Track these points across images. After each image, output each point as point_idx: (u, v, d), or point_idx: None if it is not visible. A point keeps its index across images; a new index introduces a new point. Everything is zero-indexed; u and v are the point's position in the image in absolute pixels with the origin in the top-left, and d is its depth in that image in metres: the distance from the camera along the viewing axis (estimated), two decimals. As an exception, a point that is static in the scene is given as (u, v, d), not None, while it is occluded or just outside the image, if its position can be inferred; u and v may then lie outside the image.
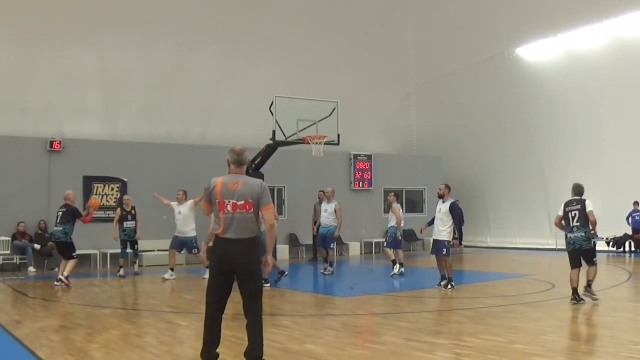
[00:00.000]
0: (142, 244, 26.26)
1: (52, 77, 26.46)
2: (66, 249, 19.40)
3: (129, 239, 22.71)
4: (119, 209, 23.05)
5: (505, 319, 12.40)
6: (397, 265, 21.54)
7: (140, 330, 11.78)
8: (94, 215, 25.63)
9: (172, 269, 21.52)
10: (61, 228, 19.22)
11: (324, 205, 22.99)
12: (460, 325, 11.94)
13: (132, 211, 22.66)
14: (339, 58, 31.67)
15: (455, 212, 17.66)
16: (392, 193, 23.16)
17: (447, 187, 18.23)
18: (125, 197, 23.34)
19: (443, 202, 17.98)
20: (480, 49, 31.34)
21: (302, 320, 12.89)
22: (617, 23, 27.11)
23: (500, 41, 30.68)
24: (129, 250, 23.32)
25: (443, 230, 17.60)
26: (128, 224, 22.52)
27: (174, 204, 22.15)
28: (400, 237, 21.82)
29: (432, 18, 30.41)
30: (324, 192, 24.11)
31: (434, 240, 17.97)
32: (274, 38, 29.47)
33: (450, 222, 17.61)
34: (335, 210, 22.21)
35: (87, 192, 26.01)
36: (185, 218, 21.56)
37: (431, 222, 18.44)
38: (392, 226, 21.67)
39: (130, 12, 26.09)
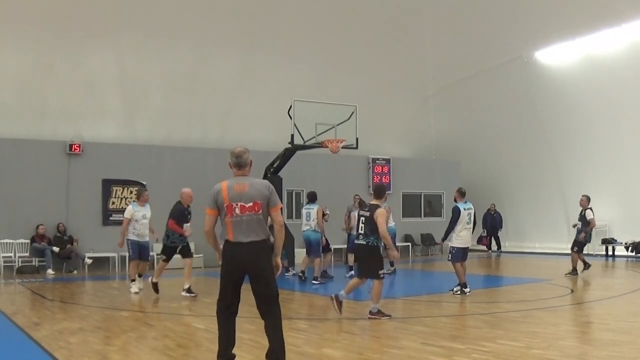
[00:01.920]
0: (160, 247, 26.33)
1: (72, 81, 26.61)
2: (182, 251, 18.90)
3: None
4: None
5: (524, 324, 12.35)
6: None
7: (158, 333, 11.79)
8: (113, 219, 25.95)
9: (135, 280, 18.89)
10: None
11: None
12: (478, 330, 11.91)
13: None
14: (357, 62, 31.70)
15: (453, 215, 17.59)
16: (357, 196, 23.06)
17: (457, 191, 18.26)
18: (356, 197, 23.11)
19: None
20: (499, 52, 31.30)
21: (320, 324, 12.89)
22: (636, 27, 27.02)
23: (519, 45, 30.63)
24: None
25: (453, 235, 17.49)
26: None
27: (134, 207, 18.91)
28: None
29: (450, 22, 30.41)
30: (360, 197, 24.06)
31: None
32: (292, 42, 29.54)
33: (456, 226, 17.49)
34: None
35: (106, 195, 26.13)
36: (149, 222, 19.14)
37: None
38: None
39: (149, 17, 26.22)
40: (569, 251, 21.58)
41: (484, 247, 35.09)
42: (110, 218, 26.15)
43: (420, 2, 29.43)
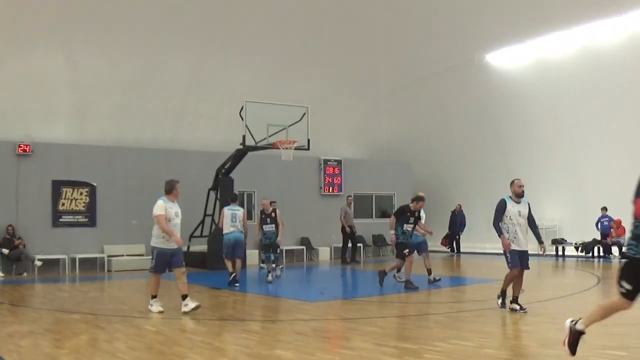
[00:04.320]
0: (110, 249, 26.20)
1: (21, 81, 26.31)
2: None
3: (271, 243, 21.77)
4: (259, 212, 22.16)
5: (475, 324, 12.43)
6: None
7: (109, 335, 11.71)
8: (63, 220, 25.71)
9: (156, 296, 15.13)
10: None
11: None
12: (430, 330, 11.97)
13: (272, 214, 21.64)
14: (309, 63, 31.75)
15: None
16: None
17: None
18: (263, 200, 22.60)
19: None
20: (451, 55, 31.51)
21: (272, 326, 12.89)
22: (586, 31, 27.37)
23: (471, 48, 30.87)
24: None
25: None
26: (267, 227, 21.42)
27: (165, 202, 14.73)
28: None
29: (402, 24, 30.57)
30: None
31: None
32: (244, 43, 29.51)
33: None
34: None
35: (56, 196, 25.86)
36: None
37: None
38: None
39: (100, 15, 26.06)
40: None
41: (445, 248, 35.35)
42: (60, 220, 25.90)
43: (372, 4, 29.55)
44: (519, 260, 13.77)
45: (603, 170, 29.09)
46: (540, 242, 14.17)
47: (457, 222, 35.20)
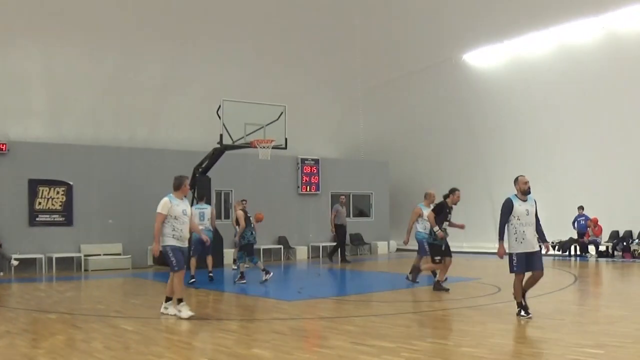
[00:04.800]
0: (87, 248, 26.08)
1: (-4, 79, 26.18)
2: None
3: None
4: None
5: (453, 323, 12.49)
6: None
7: (86, 335, 11.67)
8: (39, 219, 25.57)
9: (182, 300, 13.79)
10: None
11: None
12: (408, 329, 12.00)
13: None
14: (287, 62, 31.76)
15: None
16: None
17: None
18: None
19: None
20: (428, 54, 31.63)
21: (250, 325, 12.88)
22: (562, 30, 27.52)
23: (448, 47, 31.00)
24: None
25: None
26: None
27: (171, 199, 13.68)
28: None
29: (379, 23, 30.66)
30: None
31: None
32: (221, 41, 29.49)
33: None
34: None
35: (32, 195, 25.70)
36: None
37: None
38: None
39: (77, 13, 25.94)
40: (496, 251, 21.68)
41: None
42: (37, 219, 25.74)
43: (350, 3, 29.58)
44: (525, 265, 12.89)
45: (579, 170, 29.24)
46: (545, 241, 13.48)
47: None
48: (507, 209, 13.01)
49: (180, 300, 13.32)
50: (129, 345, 10.73)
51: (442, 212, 17.64)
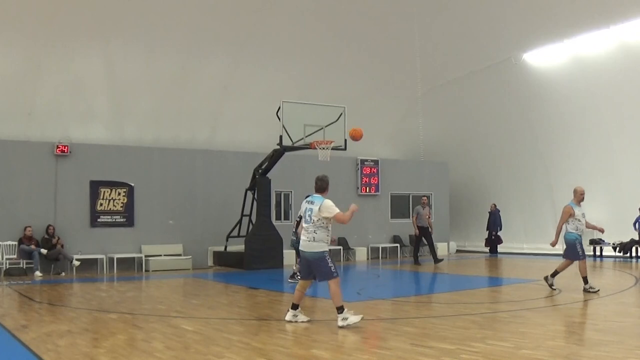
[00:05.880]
0: (148, 249, 26.32)
1: (59, 82, 26.52)
2: None
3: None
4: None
5: (512, 325, 12.35)
6: None
7: (146, 335, 11.74)
8: (101, 220, 25.86)
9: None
10: None
11: None
12: (467, 331, 11.90)
13: None
14: (346, 63, 31.73)
15: None
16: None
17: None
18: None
19: None
20: (488, 55, 31.39)
21: (309, 326, 12.85)
22: (624, 29, 27.10)
23: (508, 47, 30.72)
24: None
25: None
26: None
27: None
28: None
29: (438, 24, 30.48)
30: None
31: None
32: (281, 43, 29.53)
33: None
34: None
35: (94, 196, 26.02)
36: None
37: None
38: None
39: (138, 18, 26.17)
40: (558, 252, 21.47)
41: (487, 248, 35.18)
42: (99, 220, 26.06)
43: (409, 4, 29.46)
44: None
45: (641, 170, 28.90)
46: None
47: (492, 222, 34.96)
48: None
49: (341, 309, 12.57)
50: (188, 345, 10.78)
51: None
